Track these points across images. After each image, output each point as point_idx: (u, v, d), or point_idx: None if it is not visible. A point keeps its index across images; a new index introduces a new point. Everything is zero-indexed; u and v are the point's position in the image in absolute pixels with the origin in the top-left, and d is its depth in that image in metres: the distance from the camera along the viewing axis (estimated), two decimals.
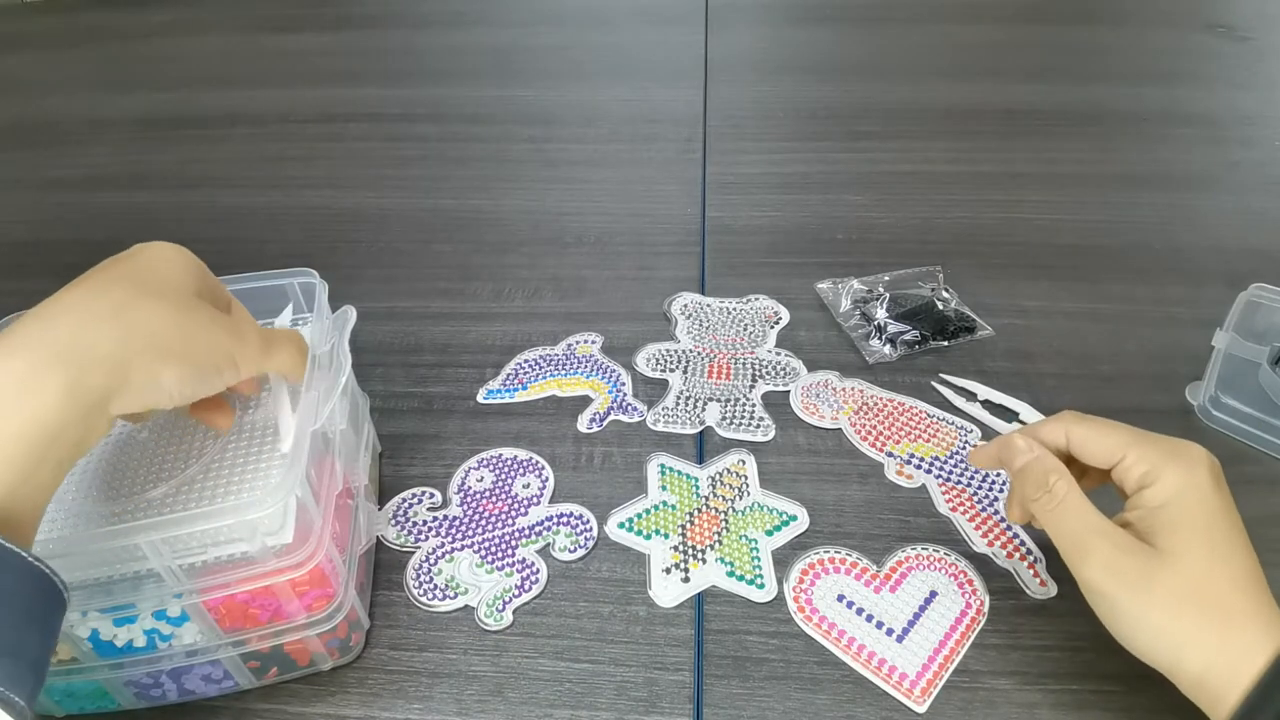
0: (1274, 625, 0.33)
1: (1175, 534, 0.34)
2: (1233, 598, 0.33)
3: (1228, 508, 0.35)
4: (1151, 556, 0.34)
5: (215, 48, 1.09)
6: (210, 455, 0.41)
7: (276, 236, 0.72)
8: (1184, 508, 0.35)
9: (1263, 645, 0.32)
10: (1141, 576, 0.34)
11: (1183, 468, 0.35)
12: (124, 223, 0.75)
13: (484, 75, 0.98)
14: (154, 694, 0.39)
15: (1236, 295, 0.50)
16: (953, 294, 0.62)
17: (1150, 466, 0.36)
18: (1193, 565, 0.34)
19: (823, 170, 0.78)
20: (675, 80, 0.94)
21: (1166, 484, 0.35)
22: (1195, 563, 0.34)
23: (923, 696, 0.39)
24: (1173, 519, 0.35)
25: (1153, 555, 0.34)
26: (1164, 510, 0.35)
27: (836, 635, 0.42)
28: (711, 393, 0.55)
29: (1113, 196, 0.73)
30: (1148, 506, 0.35)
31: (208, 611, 0.36)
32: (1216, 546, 0.34)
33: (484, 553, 0.46)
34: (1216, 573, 0.34)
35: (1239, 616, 0.33)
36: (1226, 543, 0.34)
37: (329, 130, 0.88)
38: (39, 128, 0.92)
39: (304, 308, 0.48)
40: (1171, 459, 0.36)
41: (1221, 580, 0.33)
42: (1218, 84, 0.92)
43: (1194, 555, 0.34)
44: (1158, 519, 0.35)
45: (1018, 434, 0.39)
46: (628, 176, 0.78)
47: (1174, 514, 0.35)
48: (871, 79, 0.94)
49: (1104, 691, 0.39)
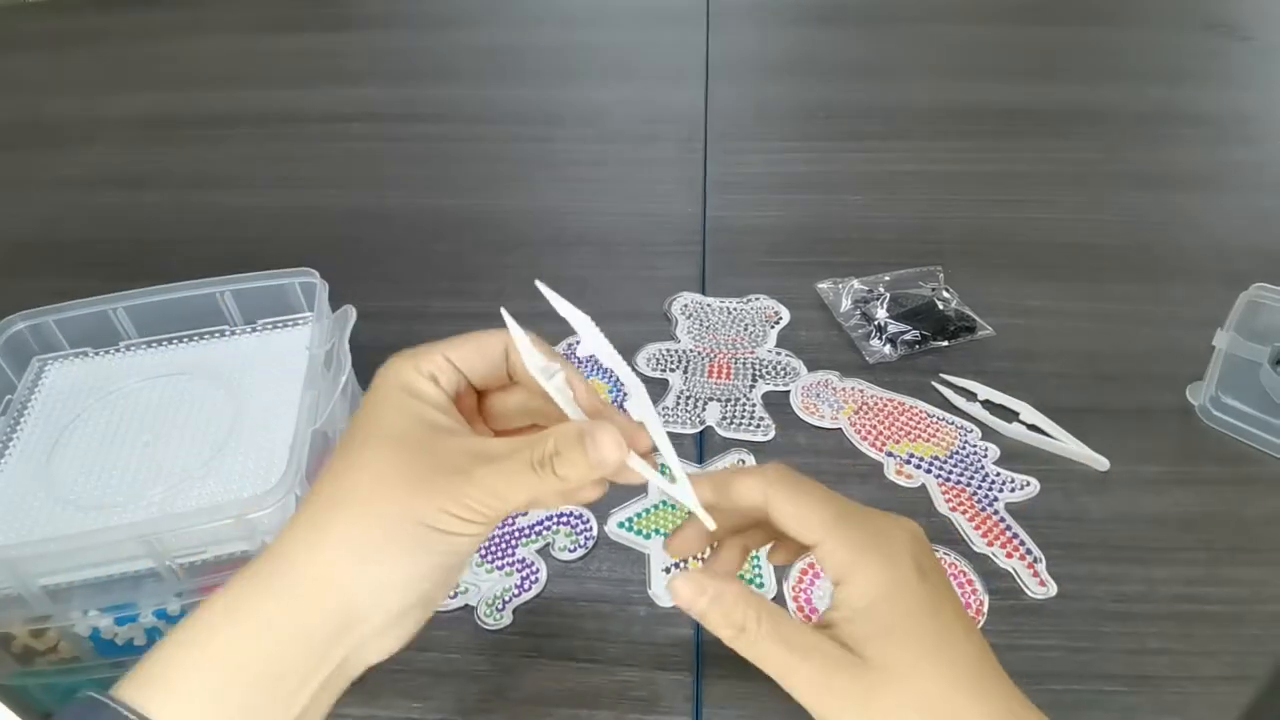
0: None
1: (884, 642, 0.30)
2: (958, 703, 0.29)
3: (939, 595, 0.30)
4: (862, 672, 0.29)
5: (216, 48, 1.09)
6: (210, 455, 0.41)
7: (277, 236, 0.72)
8: (890, 608, 0.30)
9: None
10: (854, 697, 0.29)
11: (881, 560, 0.30)
12: (125, 223, 0.75)
13: (485, 75, 0.98)
14: None
15: (1237, 295, 0.50)
16: (953, 294, 0.62)
17: (848, 557, 0.30)
18: (906, 678, 0.29)
19: (823, 170, 0.78)
20: (676, 80, 0.94)
21: (867, 582, 0.30)
22: (909, 675, 0.29)
23: None
24: (879, 624, 0.30)
25: (863, 671, 0.29)
26: (868, 613, 0.30)
27: None
28: (712, 392, 0.55)
29: (1114, 196, 0.73)
30: (852, 607, 0.30)
31: None
32: (931, 650, 0.29)
33: (484, 552, 0.46)
34: (937, 680, 0.29)
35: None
36: (943, 642, 0.30)
37: (330, 130, 0.88)
38: (39, 128, 0.92)
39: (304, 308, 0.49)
40: (871, 550, 0.30)
41: (943, 687, 0.29)
42: (1219, 84, 0.92)
43: (907, 666, 0.29)
44: (863, 624, 0.30)
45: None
46: (628, 176, 0.78)
47: (879, 617, 0.30)
48: (872, 79, 0.94)
49: (1104, 691, 0.39)
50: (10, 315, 0.46)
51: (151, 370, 0.47)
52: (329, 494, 0.29)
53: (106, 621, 0.35)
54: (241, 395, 0.44)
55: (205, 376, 0.46)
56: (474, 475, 0.29)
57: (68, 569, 0.35)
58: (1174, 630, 0.42)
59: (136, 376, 0.46)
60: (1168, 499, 0.48)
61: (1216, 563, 0.45)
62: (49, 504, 0.39)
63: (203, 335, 0.49)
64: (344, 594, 0.28)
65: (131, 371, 0.47)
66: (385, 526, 0.29)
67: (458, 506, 0.29)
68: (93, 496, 0.39)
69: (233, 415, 0.43)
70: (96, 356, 0.48)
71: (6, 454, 0.42)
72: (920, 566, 0.31)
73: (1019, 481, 0.49)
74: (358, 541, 0.28)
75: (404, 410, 0.31)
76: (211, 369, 0.46)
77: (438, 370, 0.32)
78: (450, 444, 0.30)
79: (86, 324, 0.47)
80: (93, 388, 0.46)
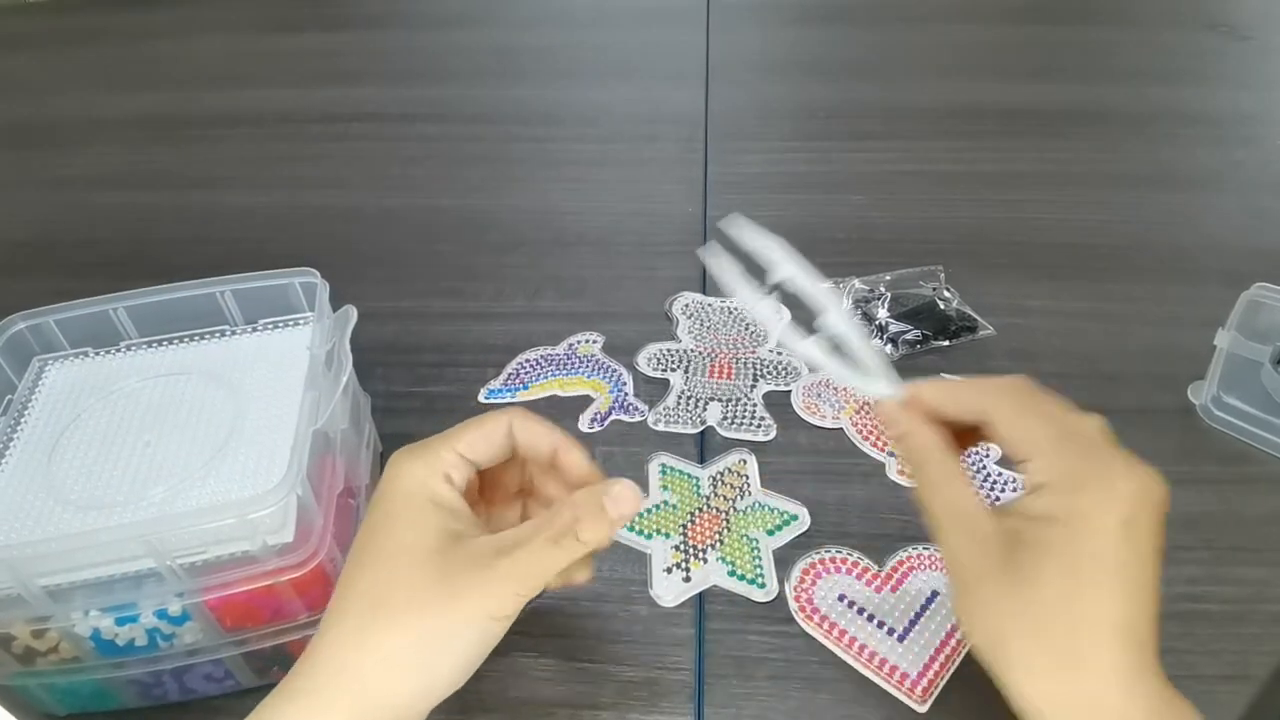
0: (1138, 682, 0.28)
1: (1042, 562, 0.29)
2: (1099, 661, 0.28)
3: (1133, 562, 0.29)
4: (1009, 575, 0.29)
5: (216, 48, 1.09)
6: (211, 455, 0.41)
7: (278, 236, 0.72)
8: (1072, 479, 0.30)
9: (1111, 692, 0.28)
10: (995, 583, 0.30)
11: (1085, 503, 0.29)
12: (125, 223, 0.75)
13: (485, 75, 0.98)
14: (155, 693, 0.39)
15: (1239, 295, 0.50)
16: (954, 294, 0.62)
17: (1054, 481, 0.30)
18: (1057, 596, 0.29)
19: (824, 170, 0.78)
20: (677, 80, 0.94)
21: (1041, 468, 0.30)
22: (1058, 597, 0.29)
23: (924, 696, 0.39)
24: (1051, 542, 0.29)
25: (1009, 574, 0.29)
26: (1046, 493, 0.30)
27: (838, 635, 0.41)
28: (713, 392, 0.55)
29: (1114, 196, 0.73)
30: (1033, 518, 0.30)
31: (209, 610, 0.36)
32: (1087, 600, 0.28)
33: None
34: (1078, 632, 0.28)
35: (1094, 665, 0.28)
36: (1103, 608, 0.28)
37: (330, 130, 0.88)
38: (39, 128, 0.92)
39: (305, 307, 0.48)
40: (1077, 492, 0.29)
41: (1086, 643, 0.28)
42: (1219, 83, 0.92)
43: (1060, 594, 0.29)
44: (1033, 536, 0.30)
45: (926, 388, 0.34)
46: (629, 176, 0.78)
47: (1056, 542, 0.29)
48: (872, 79, 0.94)
49: None
50: (10, 315, 0.46)
51: (152, 370, 0.47)
52: (365, 610, 0.31)
53: (107, 622, 0.35)
54: (242, 395, 0.44)
55: (206, 376, 0.46)
56: (499, 569, 0.31)
57: (68, 569, 0.35)
58: (1175, 630, 0.42)
59: (137, 376, 0.46)
60: None
61: (1218, 562, 0.45)
62: (49, 504, 0.39)
63: (203, 335, 0.48)
64: (392, 705, 0.30)
65: (132, 371, 0.47)
66: (428, 637, 0.31)
67: (492, 603, 0.31)
68: (93, 496, 0.39)
69: (233, 415, 0.43)
70: (97, 356, 0.48)
71: (7, 454, 0.42)
72: (1129, 526, 0.29)
73: (1020, 481, 0.49)
74: (402, 655, 0.30)
75: (425, 522, 0.32)
76: (212, 369, 0.46)
77: (451, 468, 0.34)
78: (472, 547, 0.32)
79: (86, 324, 0.47)
80: (93, 388, 0.46)
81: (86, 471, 0.40)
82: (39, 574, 0.34)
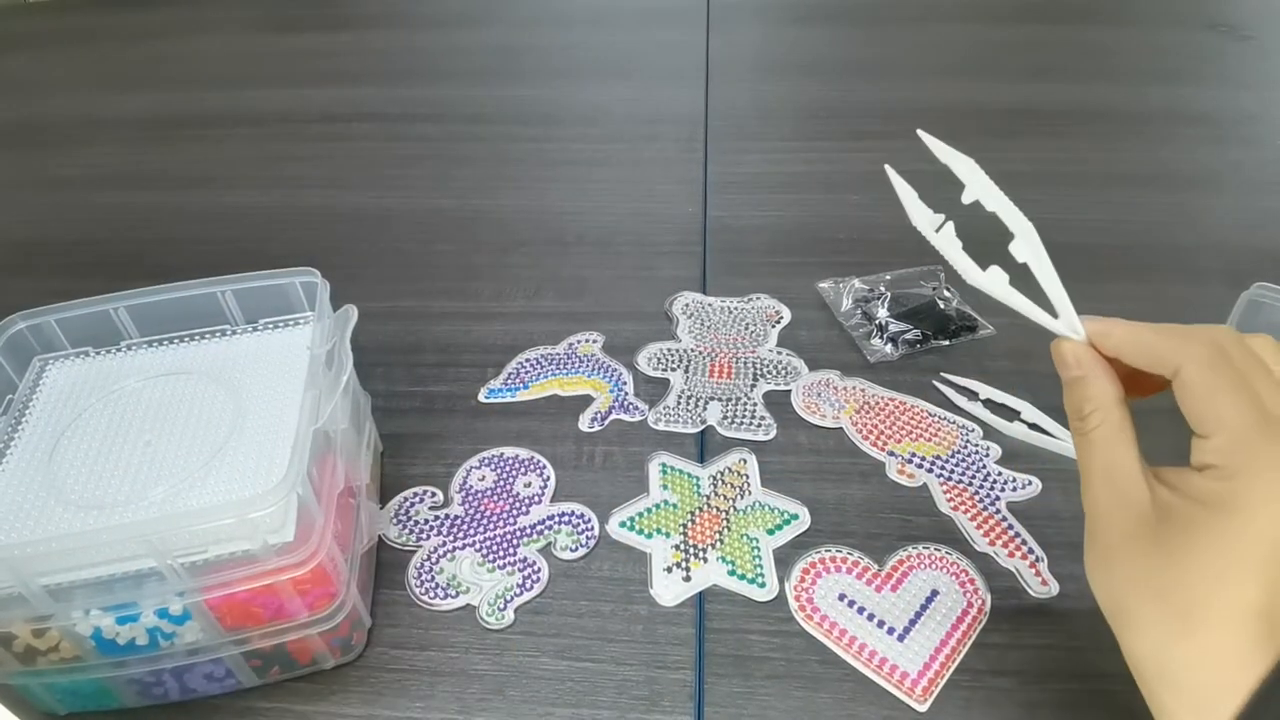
0: None
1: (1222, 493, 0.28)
2: None
3: None
4: (1157, 543, 0.29)
5: (216, 48, 1.09)
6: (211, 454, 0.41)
7: (278, 236, 0.72)
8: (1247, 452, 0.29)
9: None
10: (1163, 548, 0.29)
11: (1226, 407, 0.29)
12: (125, 223, 0.75)
13: (485, 75, 0.98)
14: (156, 692, 0.39)
15: (1238, 295, 0.50)
16: (954, 293, 0.62)
17: (1201, 396, 0.30)
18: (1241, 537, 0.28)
19: (824, 169, 0.78)
20: (676, 80, 0.94)
21: (1218, 426, 0.29)
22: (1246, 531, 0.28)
23: (924, 695, 0.39)
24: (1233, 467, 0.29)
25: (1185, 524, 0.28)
26: (1220, 453, 0.29)
27: (838, 634, 0.42)
28: (713, 392, 0.55)
29: (1114, 196, 0.73)
30: (1203, 445, 0.30)
31: (209, 610, 0.36)
32: None
33: (485, 552, 0.46)
34: None
35: None
36: None
37: (330, 130, 0.88)
38: (39, 128, 0.92)
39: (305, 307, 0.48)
40: (1215, 392, 0.29)
41: None
42: (1220, 83, 0.92)
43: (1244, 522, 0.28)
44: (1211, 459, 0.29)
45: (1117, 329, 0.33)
46: (629, 176, 0.78)
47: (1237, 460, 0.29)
48: (872, 78, 0.94)
49: (1105, 691, 0.39)
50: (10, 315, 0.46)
51: (152, 370, 0.47)
52: None
53: (108, 621, 0.35)
54: (242, 395, 0.44)
55: (206, 376, 0.46)
56: None
57: (69, 568, 0.35)
58: None
59: (137, 376, 0.46)
60: None
61: None
62: (50, 503, 0.39)
63: (203, 335, 0.48)
64: None
65: (132, 371, 0.47)
66: None
67: None
68: (94, 496, 0.39)
69: (234, 414, 0.43)
70: (97, 356, 0.48)
71: (7, 454, 0.42)
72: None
73: (1021, 481, 0.49)
74: None
75: None
76: (212, 368, 0.46)
77: None
78: None
79: (87, 324, 0.47)
80: (93, 387, 0.46)
81: (87, 471, 0.40)
82: (40, 573, 0.34)
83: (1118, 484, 0.31)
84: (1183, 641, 0.29)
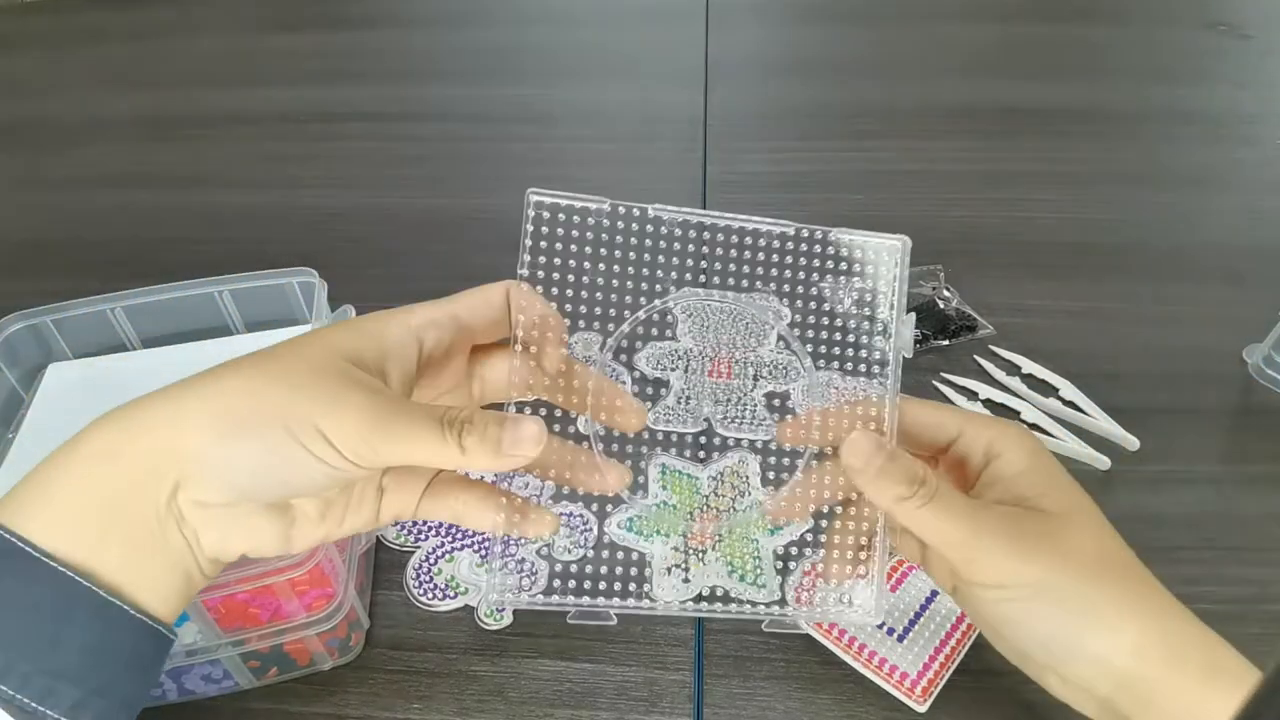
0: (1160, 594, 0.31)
1: (1054, 494, 0.31)
2: (1118, 546, 0.31)
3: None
4: (1047, 517, 0.31)
5: (215, 48, 1.09)
6: None
7: (276, 236, 0.72)
8: (1047, 468, 0.32)
9: (1177, 611, 0.31)
10: (1046, 537, 0.30)
11: (1021, 435, 0.33)
12: (124, 223, 0.75)
13: (483, 75, 0.98)
14: (154, 693, 0.39)
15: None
16: (954, 293, 0.62)
17: (993, 435, 0.33)
18: (1091, 521, 0.31)
19: (823, 170, 0.78)
20: (675, 79, 0.94)
21: (1015, 452, 0.32)
22: (1092, 518, 0.31)
23: (924, 696, 0.39)
24: (1040, 481, 0.32)
25: (1046, 516, 0.31)
26: (1027, 475, 0.32)
27: (837, 635, 0.41)
28: (713, 392, 0.55)
29: (1114, 195, 0.73)
30: (1007, 475, 0.32)
31: (207, 611, 0.36)
32: (1088, 504, 0.32)
33: (484, 552, 0.46)
34: (1102, 526, 0.31)
35: (1147, 580, 0.31)
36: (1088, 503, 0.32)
37: (329, 130, 0.87)
38: (39, 128, 0.92)
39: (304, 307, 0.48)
40: (1007, 427, 0.34)
41: (1107, 531, 0.31)
42: (1219, 82, 0.92)
43: (1080, 511, 0.31)
44: (1026, 485, 0.32)
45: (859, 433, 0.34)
46: (628, 176, 0.78)
47: (1038, 476, 0.32)
48: (872, 78, 0.93)
49: None
50: (10, 315, 0.46)
51: (151, 370, 0.46)
52: (219, 367, 0.30)
53: None
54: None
55: None
56: (363, 405, 0.28)
57: None
58: None
59: (136, 376, 0.46)
60: (1168, 497, 0.48)
61: (1219, 561, 0.45)
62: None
63: (202, 335, 0.48)
64: (184, 444, 0.27)
65: (131, 371, 0.47)
66: (248, 409, 0.28)
67: (332, 426, 0.27)
68: None
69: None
70: (96, 357, 0.48)
71: (6, 455, 0.42)
72: None
73: None
74: (216, 411, 0.28)
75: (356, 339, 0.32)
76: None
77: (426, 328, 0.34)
78: (366, 380, 0.29)
79: (86, 324, 0.47)
80: (93, 388, 0.46)
81: None
82: None
83: (995, 505, 0.33)
84: (1150, 610, 0.31)
